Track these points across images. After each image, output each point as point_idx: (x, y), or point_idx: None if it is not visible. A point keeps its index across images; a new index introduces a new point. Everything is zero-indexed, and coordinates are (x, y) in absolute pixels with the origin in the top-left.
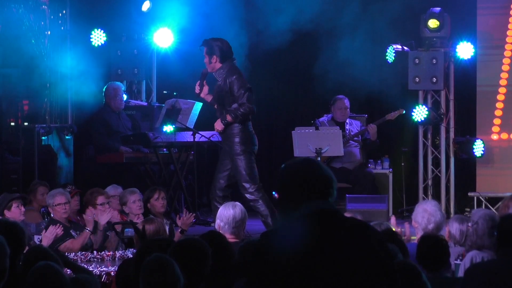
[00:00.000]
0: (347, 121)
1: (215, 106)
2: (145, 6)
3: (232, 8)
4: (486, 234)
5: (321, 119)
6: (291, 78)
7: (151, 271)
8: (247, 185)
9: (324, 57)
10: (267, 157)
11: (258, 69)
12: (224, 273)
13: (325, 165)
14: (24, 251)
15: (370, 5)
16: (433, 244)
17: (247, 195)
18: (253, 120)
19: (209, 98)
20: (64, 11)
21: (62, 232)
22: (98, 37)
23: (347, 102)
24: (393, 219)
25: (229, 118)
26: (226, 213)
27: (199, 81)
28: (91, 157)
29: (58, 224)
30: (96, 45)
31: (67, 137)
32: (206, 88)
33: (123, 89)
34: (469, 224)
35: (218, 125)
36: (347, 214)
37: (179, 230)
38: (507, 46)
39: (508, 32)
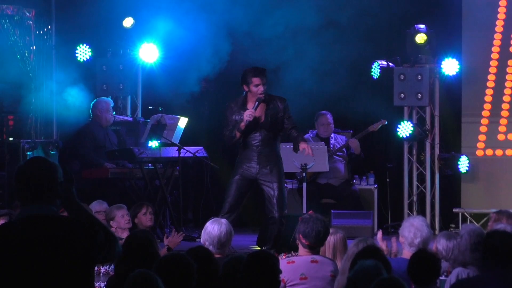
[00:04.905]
0: (332, 135)
1: (258, 131)
2: (128, 23)
3: (217, 23)
4: (468, 249)
5: (306, 135)
6: (278, 92)
7: (135, 286)
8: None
9: (309, 73)
10: None
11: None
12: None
13: (61, 166)
14: None
15: (355, 20)
16: (426, 259)
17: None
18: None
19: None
20: (49, 27)
21: None
22: (83, 52)
23: (330, 117)
24: (379, 234)
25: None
26: (212, 234)
27: (253, 107)
28: (76, 173)
29: None
30: (81, 60)
31: (52, 152)
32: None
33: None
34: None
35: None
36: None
37: (166, 248)
38: (492, 63)
39: (493, 49)
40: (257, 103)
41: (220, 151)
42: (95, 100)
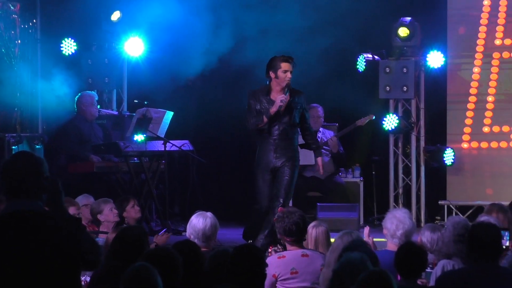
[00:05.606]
0: (320, 129)
1: (276, 121)
2: (115, 16)
3: (204, 17)
4: (452, 241)
5: None
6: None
7: (134, 279)
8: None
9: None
10: (238, 166)
11: (231, 79)
12: (196, 281)
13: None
14: None
15: (341, 13)
16: (412, 251)
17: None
18: (226, 129)
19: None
20: (34, 20)
21: None
22: (68, 46)
23: (320, 110)
24: (366, 229)
25: None
26: (196, 227)
27: (285, 93)
28: (62, 167)
29: None
30: (66, 54)
31: (37, 146)
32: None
33: (96, 98)
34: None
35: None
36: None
37: (154, 244)
38: (477, 55)
39: (478, 41)
40: (287, 89)
41: (206, 145)
42: (79, 94)
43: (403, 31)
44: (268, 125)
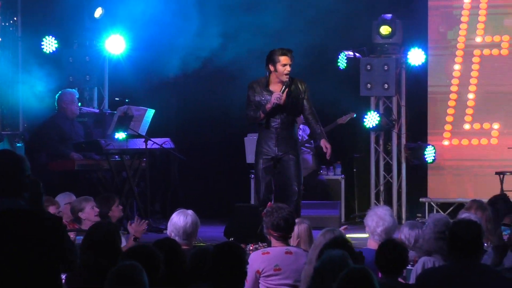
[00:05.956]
0: (301, 127)
1: (278, 115)
2: (98, 13)
3: (186, 15)
4: (432, 238)
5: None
6: (244, 85)
7: (121, 277)
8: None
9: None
10: (220, 164)
11: (212, 76)
12: (176, 279)
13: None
14: None
15: (322, 10)
16: (393, 249)
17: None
18: (207, 127)
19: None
20: (15, 18)
21: None
22: (49, 44)
23: None
24: (342, 229)
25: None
26: (177, 225)
27: (281, 91)
28: (43, 165)
29: None
30: (47, 52)
31: (18, 144)
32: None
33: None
34: (423, 229)
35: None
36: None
37: (132, 238)
38: (458, 53)
39: (459, 39)
40: (284, 86)
41: (187, 143)
42: (60, 92)
43: (385, 29)
44: (269, 115)
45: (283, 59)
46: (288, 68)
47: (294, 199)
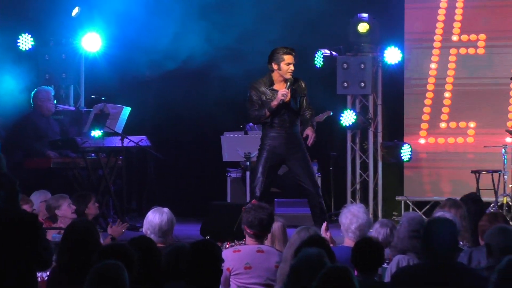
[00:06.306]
0: None
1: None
2: (74, 12)
3: (162, 14)
4: (406, 237)
5: (251, 123)
6: (222, 84)
7: (102, 277)
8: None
9: (252, 63)
10: (196, 162)
11: (189, 75)
12: (152, 277)
13: None
14: None
15: (298, 9)
16: (369, 247)
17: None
18: (183, 125)
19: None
20: None
21: None
22: (25, 41)
23: None
24: (324, 225)
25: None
26: (153, 222)
27: (287, 87)
28: (19, 163)
29: None
30: (23, 49)
31: None
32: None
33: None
34: (397, 228)
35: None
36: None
37: (110, 237)
38: (434, 51)
39: (435, 37)
40: (289, 83)
41: (164, 141)
42: (35, 89)
43: (363, 27)
44: (275, 113)
45: (288, 58)
46: (292, 67)
47: (318, 190)
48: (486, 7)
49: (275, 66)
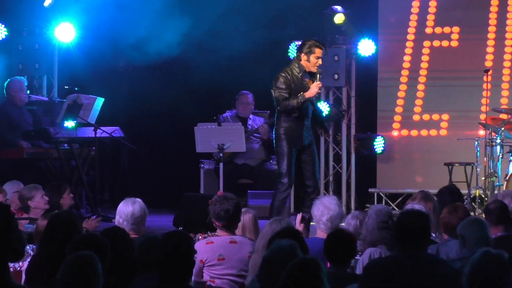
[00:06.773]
0: (250, 116)
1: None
2: (47, 1)
3: (137, 5)
4: (375, 229)
5: (224, 115)
6: (195, 75)
7: (76, 267)
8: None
9: (226, 55)
10: (169, 153)
11: (161, 66)
12: (125, 267)
13: None
14: None
15: (272, 1)
16: (342, 239)
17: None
18: (156, 116)
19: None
20: None
21: None
22: None
23: (250, 97)
24: (299, 216)
25: None
26: (125, 210)
27: (318, 79)
28: None
29: None
30: None
31: None
32: None
33: (25, 84)
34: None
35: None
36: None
37: (84, 230)
38: (408, 44)
39: (409, 30)
40: (319, 75)
41: (137, 131)
42: (8, 80)
43: (339, 18)
44: (302, 106)
45: (319, 52)
46: (320, 62)
47: (317, 185)
48: (460, 0)
49: (303, 57)
